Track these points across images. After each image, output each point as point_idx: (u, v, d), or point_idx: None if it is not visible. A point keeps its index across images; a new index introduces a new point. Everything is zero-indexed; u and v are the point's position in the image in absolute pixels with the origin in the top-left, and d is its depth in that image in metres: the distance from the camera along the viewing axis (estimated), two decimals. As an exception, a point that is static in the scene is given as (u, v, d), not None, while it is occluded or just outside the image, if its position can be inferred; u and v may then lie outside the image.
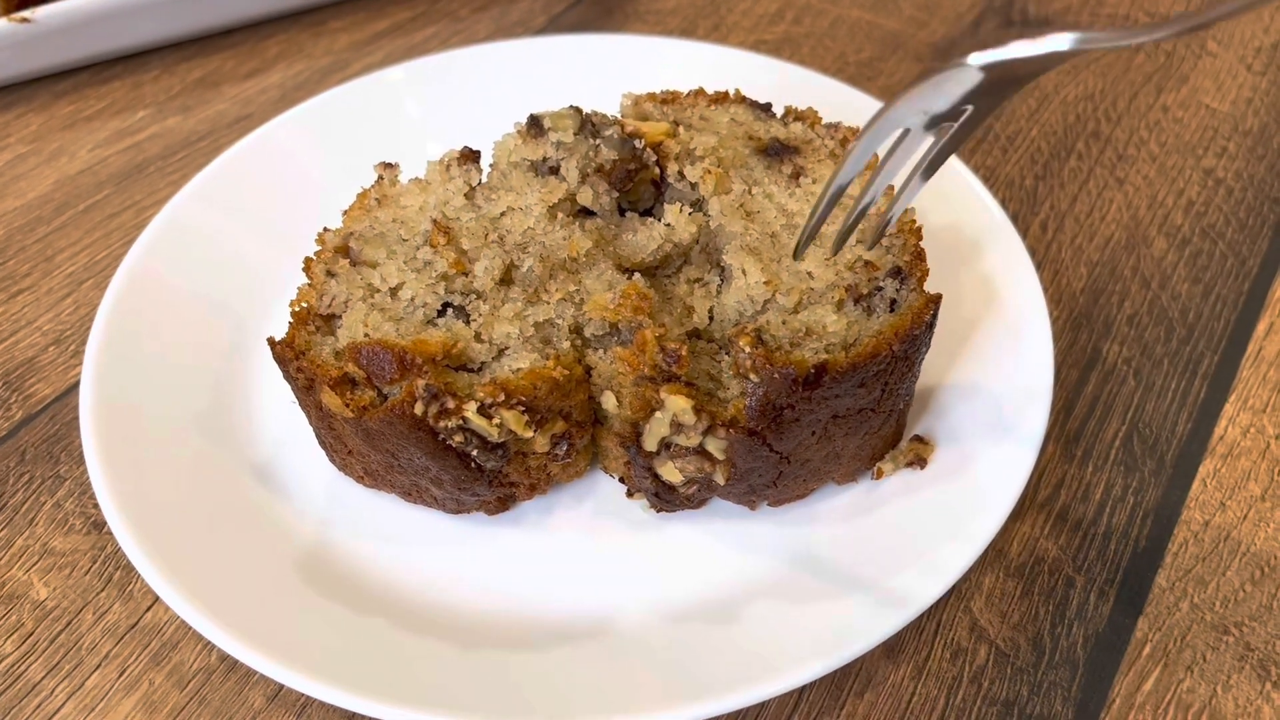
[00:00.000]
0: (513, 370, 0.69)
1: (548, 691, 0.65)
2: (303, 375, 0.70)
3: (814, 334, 0.69)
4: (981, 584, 0.76)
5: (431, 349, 0.68)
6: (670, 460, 0.69)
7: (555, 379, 0.68)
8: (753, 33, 1.29)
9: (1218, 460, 0.83)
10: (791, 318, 0.70)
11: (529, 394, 0.67)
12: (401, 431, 0.67)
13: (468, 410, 0.66)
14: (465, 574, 0.74)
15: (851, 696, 0.70)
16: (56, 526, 0.79)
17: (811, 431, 0.69)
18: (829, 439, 0.71)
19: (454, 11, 1.33)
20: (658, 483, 0.71)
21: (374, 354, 0.67)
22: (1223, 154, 1.10)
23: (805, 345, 0.69)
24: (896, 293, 0.71)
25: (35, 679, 0.71)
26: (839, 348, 0.68)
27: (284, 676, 0.64)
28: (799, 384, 0.65)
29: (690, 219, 0.76)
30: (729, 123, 0.85)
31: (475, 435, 0.68)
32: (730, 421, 0.66)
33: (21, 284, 0.98)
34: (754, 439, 0.67)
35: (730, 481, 0.70)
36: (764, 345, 0.67)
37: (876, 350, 0.67)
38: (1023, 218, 1.04)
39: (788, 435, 0.68)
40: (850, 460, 0.75)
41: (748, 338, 0.67)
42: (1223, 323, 0.94)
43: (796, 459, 0.71)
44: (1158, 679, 0.71)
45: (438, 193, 0.79)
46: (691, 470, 0.69)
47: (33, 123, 1.16)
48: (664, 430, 0.67)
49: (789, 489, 0.74)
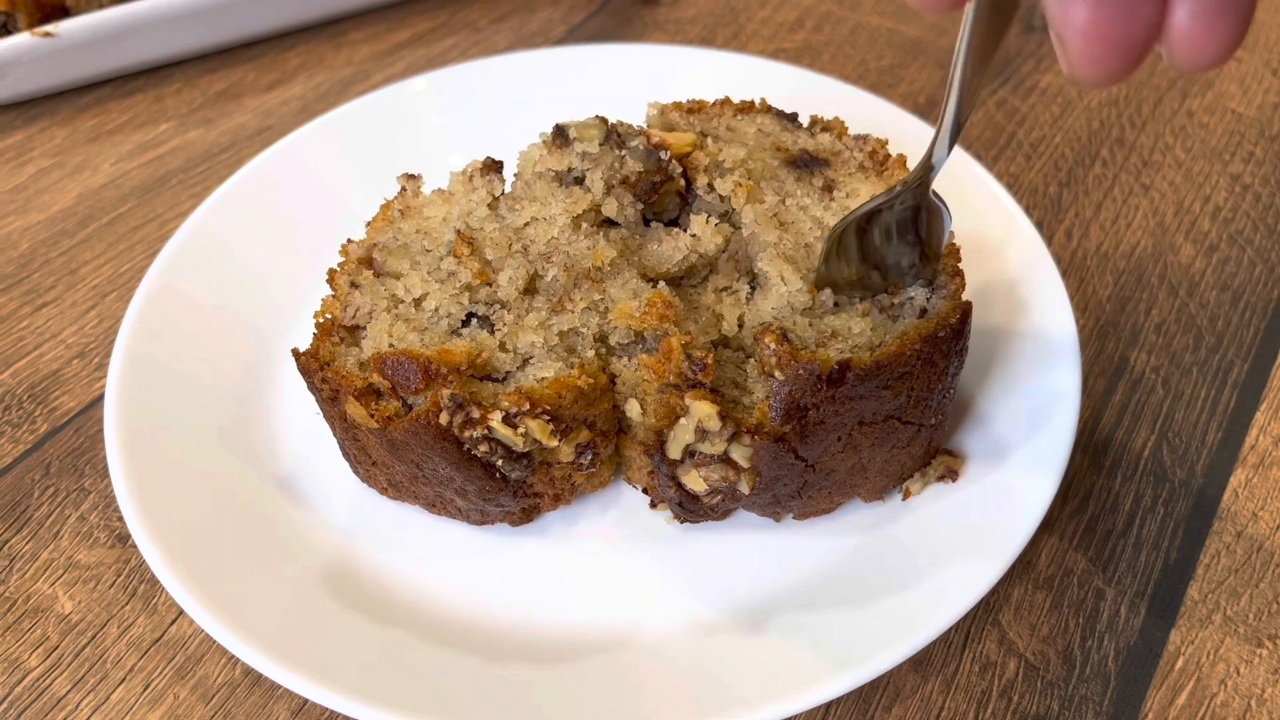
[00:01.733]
0: (537, 379, 0.69)
1: (571, 706, 0.65)
2: (327, 386, 0.70)
3: (839, 336, 0.69)
4: (1010, 596, 0.75)
5: (456, 359, 0.67)
6: (695, 469, 0.69)
7: (580, 388, 0.68)
8: (772, 41, 1.29)
9: (1249, 470, 0.82)
10: (818, 320, 0.70)
11: (554, 403, 0.67)
12: (426, 442, 0.67)
13: (493, 420, 0.66)
14: (489, 586, 0.74)
15: (880, 710, 0.70)
16: (81, 540, 0.79)
17: (838, 437, 0.68)
18: (855, 448, 0.70)
19: (474, 22, 1.33)
20: (681, 492, 0.71)
21: (399, 364, 0.67)
22: (1250, 159, 1.09)
23: (830, 346, 0.68)
24: (927, 300, 0.71)
25: (60, 693, 0.71)
26: (864, 349, 0.68)
27: (308, 691, 0.63)
28: (823, 381, 0.64)
29: (717, 230, 0.76)
30: (756, 133, 0.85)
31: (500, 445, 0.67)
32: (755, 427, 0.66)
33: (46, 297, 0.99)
34: (779, 445, 0.66)
35: (755, 491, 0.69)
36: (789, 343, 0.67)
37: (901, 350, 0.66)
38: (1047, 225, 1.03)
39: (813, 440, 0.67)
40: (877, 475, 0.74)
41: (773, 334, 0.66)
42: (1252, 330, 0.93)
43: (822, 468, 0.70)
44: (1191, 693, 0.70)
45: (461, 203, 0.79)
46: (716, 479, 0.68)
47: (56, 136, 1.17)
48: (688, 437, 0.67)
49: (814, 501, 0.74)
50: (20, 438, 0.86)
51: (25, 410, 0.89)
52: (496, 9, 1.35)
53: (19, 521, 0.81)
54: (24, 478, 0.84)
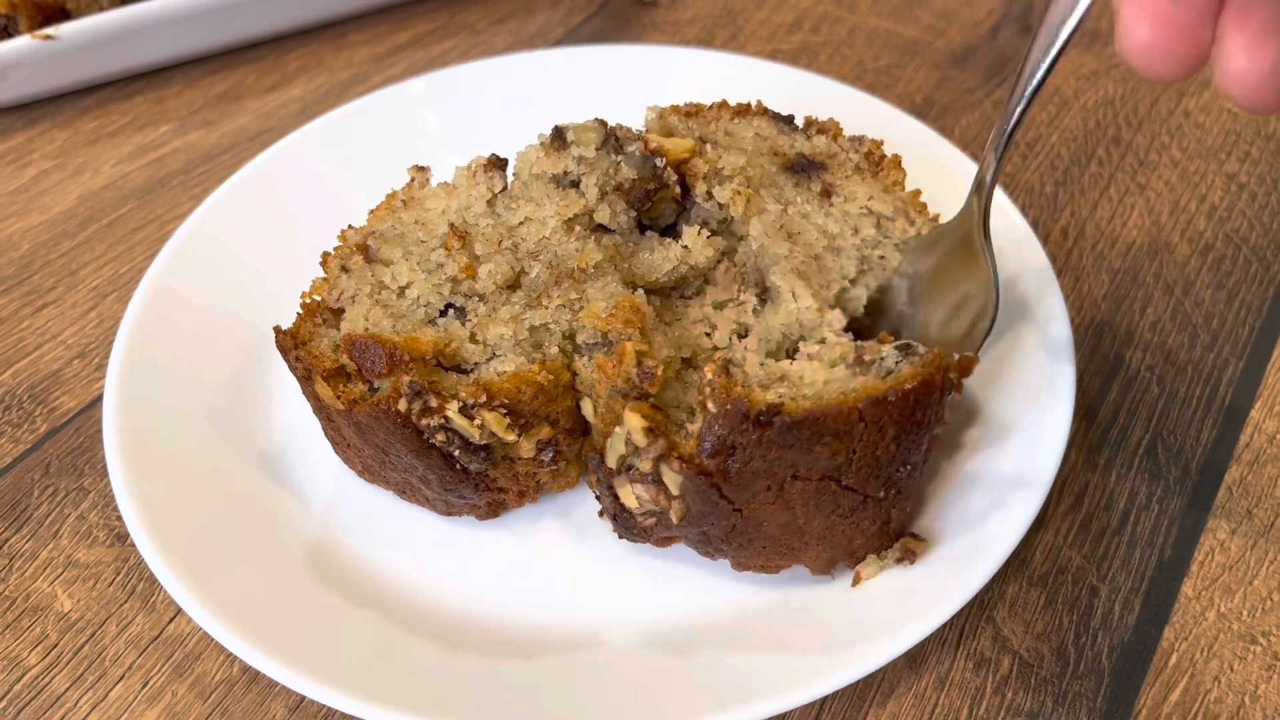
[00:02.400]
0: (498, 373, 0.69)
1: (531, 701, 0.66)
2: (301, 365, 0.71)
3: (788, 381, 0.65)
4: (1005, 593, 0.75)
5: (422, 347, 0.68)
6: (629, 483, 0.66)
7: (540, 383, 0.68)
8: (770, 42, 1.29)
9: (1244, 467, 0.82)
10: (770, 361, 0.67)
11: (512, 396, 0.67)
12: (388, 427, 0.67)
13: (449, 409, 0.66)
14: (455, 577, 0.75)
15: (874, 707, 0.70)
16: (81, 538, 0.80)
17: (766, 485, 0.64)
18: (788, 504, 0.66)
19: (473, 24, 1.33)
20: (617, 504, 0.68)
21: (365, 347, 0.68)
22: (1245, 158, 1.09)
23: (772, 388, 0.64)
24: (896, 364, 0.65)
25: (59, 690, 0.72)
26: (807, 399, 0.63)
27: (305, 688, 0.64)
28: (749, 420, 0.61)
29: (708, 242, 0.76)
30: (753, 138, 0.84)
31: (457, 435, 0.68)
32: (686, 455, 0.63)
33: (46, 298, 0.99)
34: (704, 479, 0.63)
35: (684, 522, 0.66)
36: (729, 376, 0.64)
37: (840, 405, 0.61)
38: (1043, 224, 1.03)
39: (739, 482, 0.64)
40: (818, 544, 0.69)
41: (715, 365, 0.64)
42: (1247, 329, 0.93)
43: (751, 516, 0.66)
44: (1184, 689, 0.70)
45: (461, 198, 0.80)
46: (648, 499, 0.66)
47: (57, 139, 1.17)
48: (621, 447, 0.65)
49: (748, 553, 0.70)
50: (20, 437, 0.87)
51: (25, 410, 0.89)
52: (496, 11, 1.35)
53: (19, 520, 0.81)
54: (24, 477, 0.84)
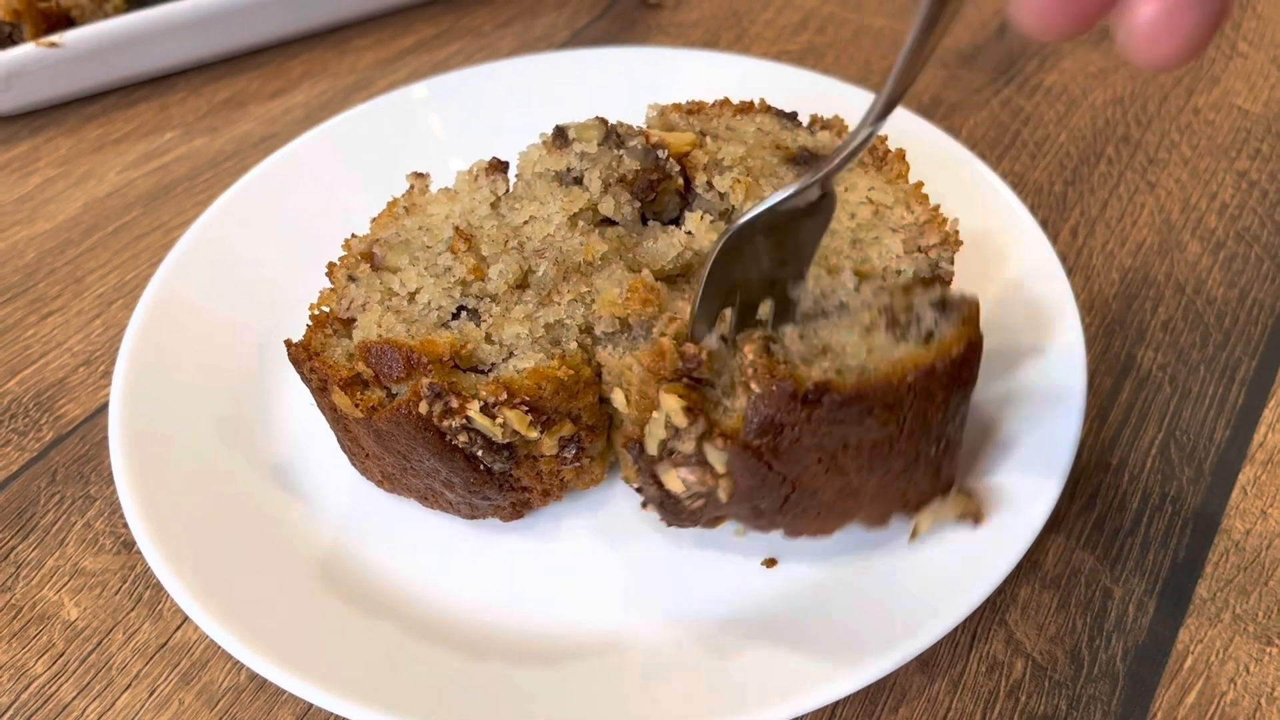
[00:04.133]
0: (518, 370, 0.69)
1: (554, 705, 0.65)
2: (316, 376, 0.71)
3: (830, 352, 0.64)
4: (1017, 596, 0.74)
5: (439, 349, 0.68)
6: (673, 468, 0.65)
7: (560, 379, 0.68)
8: (775, 43, 1.28)
9: (1258, 467, 0.82)
10: (810, 332, 0.66)
11: (533, 394, 0.67)
12: (409, 432, 0.67)
13: (471, 409, 0.66)
14: (479, 583, 0.74)
15: (886, 711, 0.69)
16: (87, 546, 0.80)
17: (818, 458, 0.63)
18: (841, 472, 0.65)
19: (478, 28, 1.33)
20: (662, 492, 0.67)
21: (382, 352, 0.68)
22: (1256, 156, 1.09)
23: (817, 363, 0.63)
24: (935, 324, 0.64)
25: (66, 699, 0.71)
26: (853, 371, 0.63)
27: (313, 695, 0.64)
28: (797, 400, 0.60)
29: (712, 226, 0.76)
30: (755, 132, 0.85)
31: (480, 435, 0.67)
32: (729, 432, 0.62)
33: (52, 305, 0.99)
34: (752, 454, 0.62)
35: (733, 499, 0.65)
36: (770, 355, 0.63)
37: (889, 379, 0.61)
38: (1052, 224, 1.02)
39: (789, 458, 0.62)
40: (873, 500, 0.68)
41: (754, 344, 0.63)
42: (1260, 327, 0.92)
43: (804, 487, 0.65)
44: (1200, 692, 0.69)
45: (464, 201, 0.79)
46: (694, 481, 0.65)
47: (62, 146, 1.17)
48: (661, 432, 0.64)
49: (802, 521, 0.69)
50: (26, 445, 0.87)
51: (31, 418, 0.89)
52: (500, 14, 1.35)
53: (25, 529, 0.81)
54: (30, 485, 0.84)
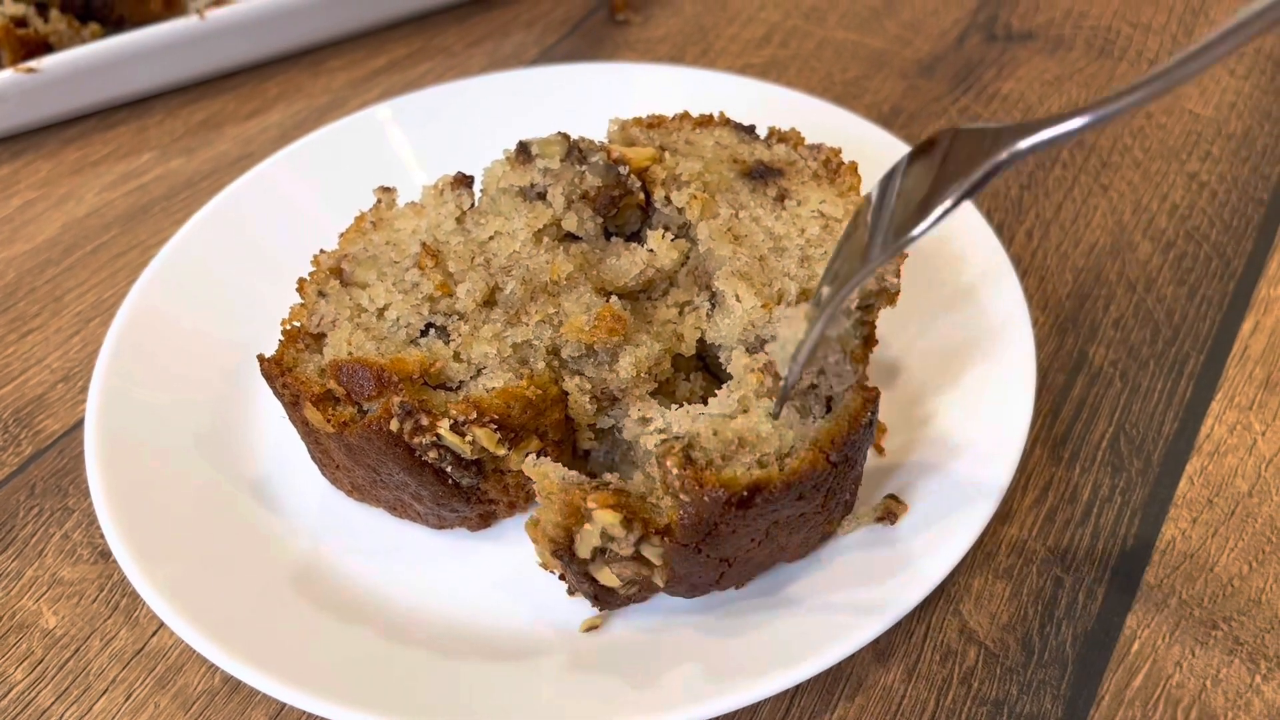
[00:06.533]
0: (487, 389, 0.71)
1: (526, 701, 0.67)
2: (288, 391, 0.73)
3: (747, 444, 0.65)
4: (970, 586, 0.77)
5: (409, 367, 0.70)
6: (606, 566, 0.65)
7: (528, 398, 0.70)
8: (740, 57, 1.31)
9: (1204, 458, 0.84)
10: (723, 427, 0.66)
11: (501, 412, 0.69)
12: (379, 447, 0.69)
13: (441, 427, 0.68)
14: (448, 587, 0.76)
15: (842, 700, 0.71)
16: (65, 557, 0.81)
17: (751, 539, 0.66)
18: (771, 540, 0.68)
19: (449, 47, 1.36)
20: (596, 585, 0.67)
21: (353, 371, 0.70)
22: (1206, 158, 1.12)
23: (737, 459, 0.65)
24: (831, 390, 0.68)
25: (45, 705, 0.73)
26: (774, 458, 0.65)
27: (285, 695, 0.65)
28: (731, 505, 0.62)
29: (673, 245, 0.78)
30: (714, 146, 0.87)
31: (449, 452, 0.69)
32: (665, 529, 0.63)
33: (31, 324, 1.01)
34: (689, 549, 0.64)
35: (670, 583, 0.67)
36: (693, 463, 0.63)
37: (814, 464, 0.64)
38: (1008, 226, 1.05)
39: (725, 545, 0.65)
40: (797, 549, 0.72)
41: (675, 457, 0.63)
42: (1208, 323, 0.95)
43: (739, 560, 0.68)
44: (1147, 674, 0.72)
45: (430, 216, 0.81)
46: (629, 575, 0.65)
47: (41, 169, 1.20)
48: (595, 540, 0.64)
49: (733, 580, 0.71)
50: (6, 460, 0.89)
51: (11, 434, 0.91)
52: (471, 34, 1.38)
53: (4, 541, 0.83)
54: (10, 498, 0.86)
